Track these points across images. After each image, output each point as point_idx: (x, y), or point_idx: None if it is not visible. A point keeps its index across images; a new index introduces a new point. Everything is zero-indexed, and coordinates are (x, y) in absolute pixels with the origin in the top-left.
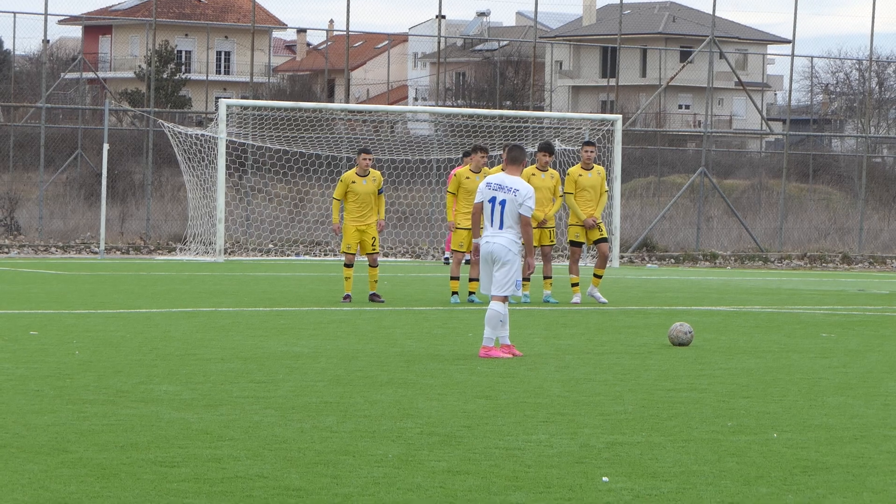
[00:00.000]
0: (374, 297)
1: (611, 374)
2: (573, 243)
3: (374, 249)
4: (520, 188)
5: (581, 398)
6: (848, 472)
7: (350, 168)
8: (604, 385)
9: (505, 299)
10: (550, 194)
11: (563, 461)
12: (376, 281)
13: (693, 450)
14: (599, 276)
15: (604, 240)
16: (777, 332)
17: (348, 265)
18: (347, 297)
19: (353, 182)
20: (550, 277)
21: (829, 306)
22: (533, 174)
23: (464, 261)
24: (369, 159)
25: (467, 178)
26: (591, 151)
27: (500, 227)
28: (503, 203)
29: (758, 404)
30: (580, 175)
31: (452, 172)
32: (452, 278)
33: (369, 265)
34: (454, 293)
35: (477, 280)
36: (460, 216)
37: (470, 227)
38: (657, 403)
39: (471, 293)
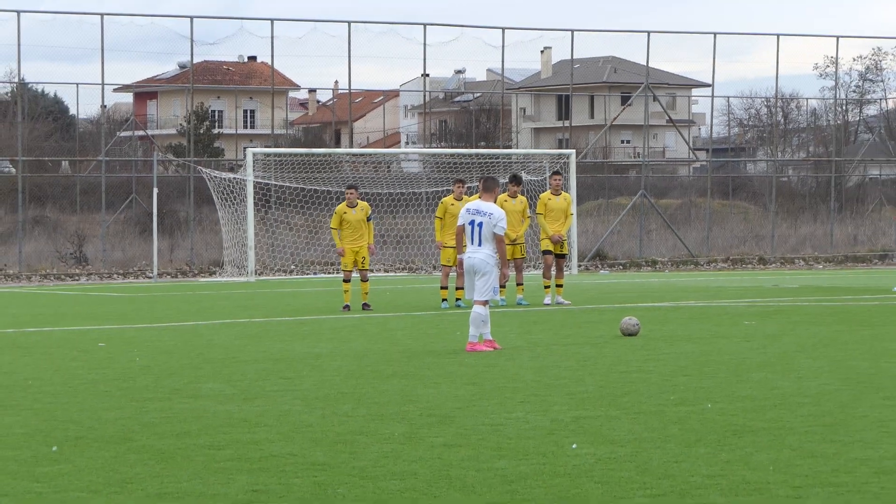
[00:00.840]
0: (365, 306)
1: (574, 361)
2: (545, 252)
3: (364, 267)
4: (493, 212)
5: (550, 382)
6: (770, 433)
7: (341, 201)
8: (568, 370)
9: (485, 303)
10: (520, 217)
11: (537, 433)
12: (367, 293)
13: (643, 420)
14: (560, 286)
15: (562, 256)
16: (708, 322)
17: (346, 280)
18: (346, 306)
19: (345, 213)
20: (522, 284)
21: (750, 299)
22: (505, 200)
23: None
24: (354, 193)
25: (452, 204)
26: (559, 180)
27: (479, 245)
28: (480, 225)
29: (695, 381)
30: (549, 199)
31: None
32: (441, 288)
33: (361, 280)
34: (444, 300)
35: (462, 288)
36: (447, 237)
37: (454, 245)
38: (613, 384)
39: (457, 299)
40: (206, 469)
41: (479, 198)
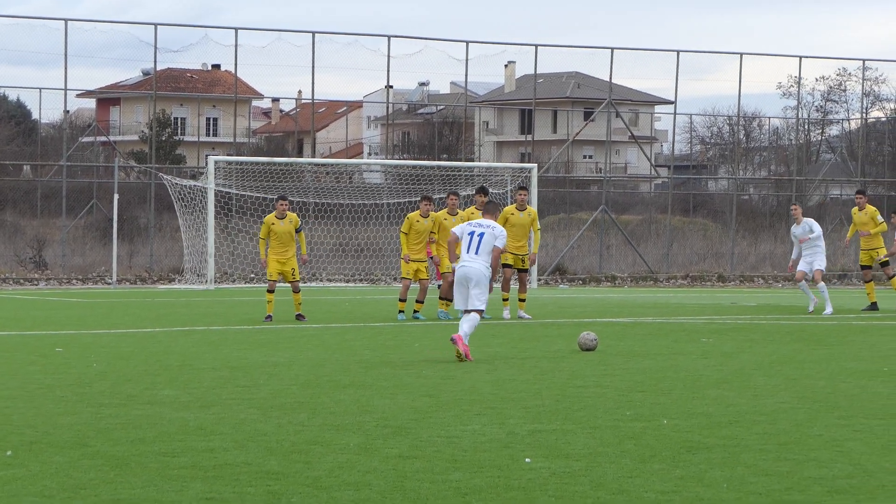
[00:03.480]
0: (299, 317)
1: (531, 374)
2: (505, 265)
3: (294, 278)
4: (495, 227)
5: (507, 395)
6: (725, 450)
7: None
8: (525, 384)
9: (480, 312)
10: (527, 229)
11: (493, 446)
12: (300, 304)
13: (599, 435)
14: (523, 300)
15: (524, 270)
16: (665, 339)
17: (270, 291)
18: (269, 317)
19: (273, 224)
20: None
21: (708, 316)
22: (512, 213)
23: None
24: (285, 205)
25: (417, 221)
26: (524, 195)
27: (476, 254)
28: (482, 235)
29: (651, 397)
30: (512, 214)
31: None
32: (400, 300)
33: (293, 291)
34: (401, 311)
35: (444, 299)
36: (412, 251)
37: (420, 259)
38: (569, 398)
39: (415, 311)
40: (161, 476)
41: (482, 217)
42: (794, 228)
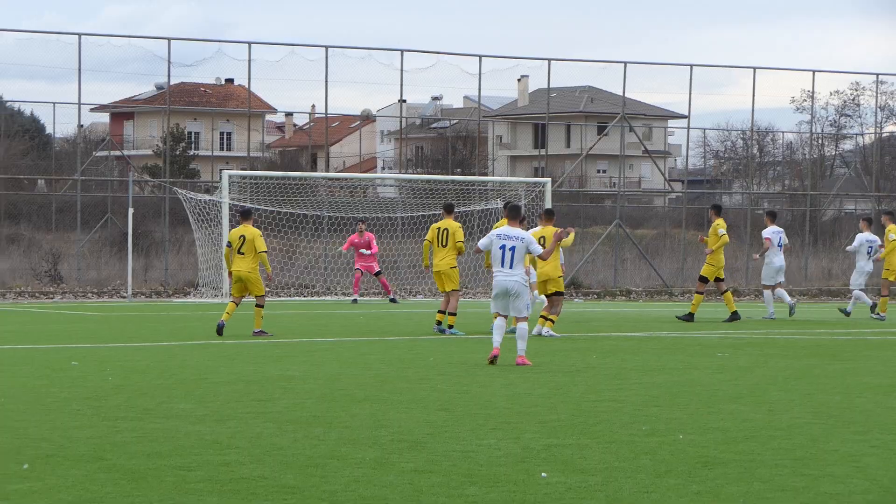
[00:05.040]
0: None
1: (547, 388)
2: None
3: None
4: (524, 236)
5: (523, 409)
6: (741, 465)
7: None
8: (541, 398)
9: (526, 319)
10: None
11: (509, 461)
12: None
13: (615, 450)
14: (551, 319)
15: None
16: (681, 353)
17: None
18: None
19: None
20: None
21: (723, 331)
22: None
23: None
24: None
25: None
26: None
27: (511, 267)
28: (513, 249)
29: (666, 412)
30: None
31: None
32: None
33: (256, 305)
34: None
35: (444, 312)
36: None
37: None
38: (585, 412)
39: (438, 323)
40: (177, 490)
41: (507, 224)
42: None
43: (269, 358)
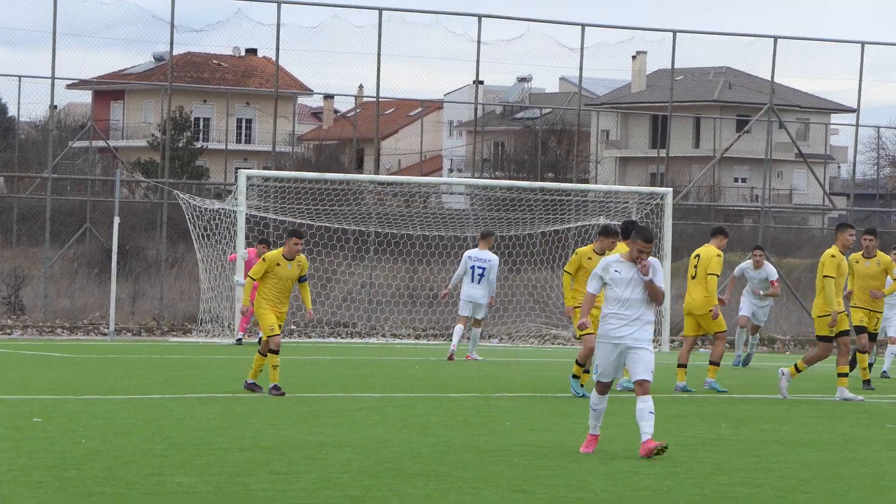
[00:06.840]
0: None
1: (659, 466)
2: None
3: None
4: (656, 268)
5: (626, 492)
6: None
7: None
8: (652, 479)
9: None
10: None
11: None
12: (276, 366)
13: None
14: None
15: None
16: (840, 423)
17: (273, 351)
18: (253, 384)
19: (278, 264)
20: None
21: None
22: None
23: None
24: (300, 244)
25: (589, 258)
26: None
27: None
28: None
29: (818, 500)
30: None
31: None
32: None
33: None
34: (574, 376)
35: (577, 364)
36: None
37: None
38: (710, 499)
39: (575, 376)
40: None
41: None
42: None
43: (293, 417)
